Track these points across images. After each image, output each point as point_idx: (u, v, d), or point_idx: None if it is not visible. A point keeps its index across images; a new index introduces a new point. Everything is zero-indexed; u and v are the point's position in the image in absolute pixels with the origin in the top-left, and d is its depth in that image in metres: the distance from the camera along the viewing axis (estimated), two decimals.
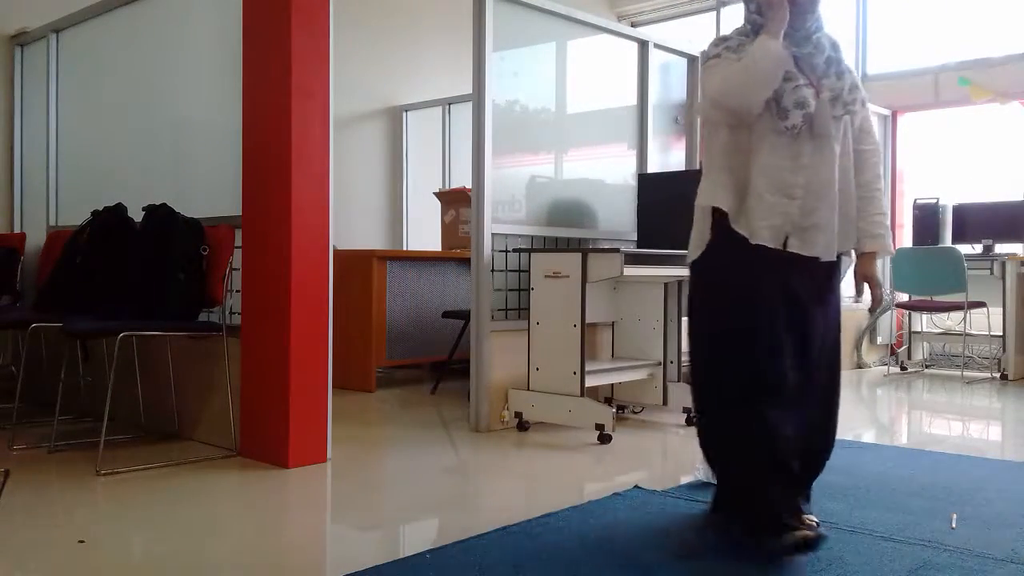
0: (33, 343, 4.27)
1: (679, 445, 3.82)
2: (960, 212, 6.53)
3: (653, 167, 4.88)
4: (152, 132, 4.11)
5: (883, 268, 6.80)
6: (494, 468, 3.39)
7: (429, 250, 6.04)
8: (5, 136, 5.02)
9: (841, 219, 2.41)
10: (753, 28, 2.40)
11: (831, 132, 2.37)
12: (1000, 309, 6.02)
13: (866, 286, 2.53)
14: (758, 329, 2.34)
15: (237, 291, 3.49)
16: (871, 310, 2.50)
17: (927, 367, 6.74)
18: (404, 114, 6.90)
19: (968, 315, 6.01)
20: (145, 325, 3.34)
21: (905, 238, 6.92)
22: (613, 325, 4.44)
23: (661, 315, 4.24)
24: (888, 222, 2.53)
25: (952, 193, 6.60)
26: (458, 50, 5.99)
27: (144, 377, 3.84)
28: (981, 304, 5.97)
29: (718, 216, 2.40)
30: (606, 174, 4.72)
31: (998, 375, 6.06)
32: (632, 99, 4.84)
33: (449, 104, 6.94)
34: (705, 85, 2.44)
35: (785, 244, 2.36)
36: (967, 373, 6.23)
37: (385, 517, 2.76)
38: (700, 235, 2.47)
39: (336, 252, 3.57)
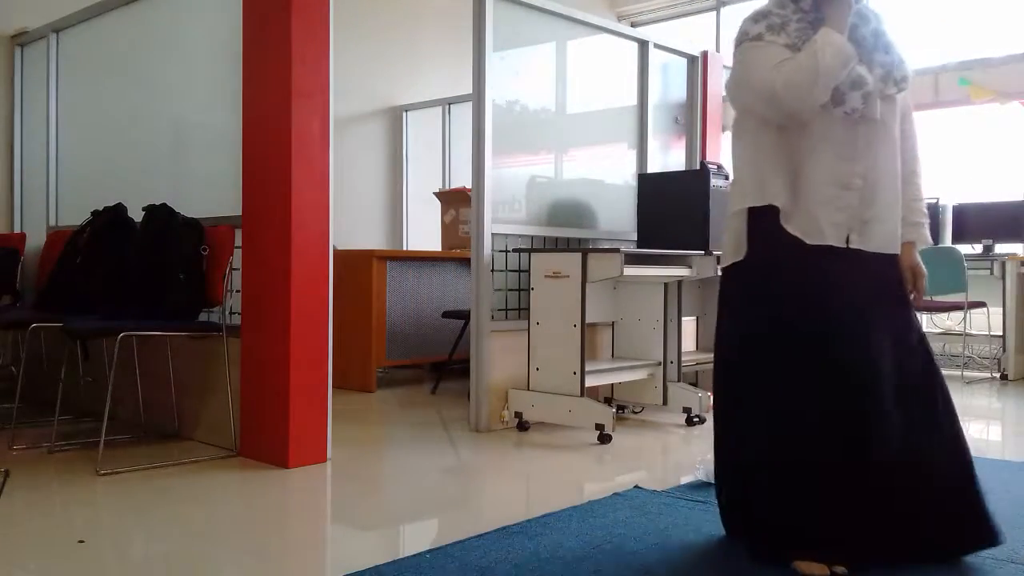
0: (33, 343, 4.27)
1: (679, 445, 3.82)
2: (960, 212, 6.52)
3: (653, 167, 4.88)
4: (152, 132, 4.10)
5: None
6: (494, 468, 3.39)
7: (429, 250, 6.04)
8: (5, 136, 5.02)
9: (894, 217, 2.19)
10: (800, 6, 2.14)
11: (884, 113, 2.15)
12: (1000, 309, 6.02)
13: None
14: (819, 337, 2.11)
15: (237, 291, 3.49)
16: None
17: None
18: (404, 114, 6.90)
19: (968, 315, 6.01)
20: (145, 325, 3.34)
21: None
22: (613, 325, 4.44)
23: (661, 315, 4.24)
24: (926, 209, 2.31)
25: (952, 193, 6.60)
26: (458, 50, 5.98)
27: (144, 377, 3.84)
28: (981, 304, 5.97)
29: (759, 217, 2.18)
30: (606, 174, 4.72)
31: (998, 375, 6.06)
32: (632, 99, 4.84)
33: (449, 104, 6.94)
34: (744, 70, 2.16)
35: (847, 241, 2.14)
36: (967, 373, 6.22)
37: (385, 517, 2.75)
38: (736, 239, 2.23)
39: (336, 252, 3.57)
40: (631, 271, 3.81)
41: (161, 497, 2.83)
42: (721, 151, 5.40)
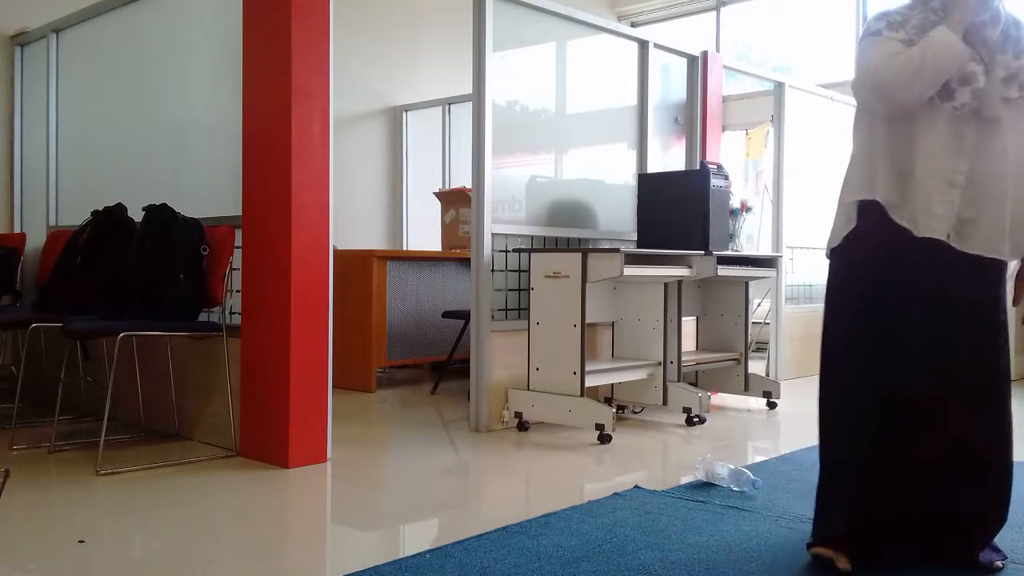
0: (33, 343, 4.27)
1: (679, 445, 3.82)
2: None
3: (653, 167, 4.88)
4: (152, 132, 4.11)
5: None
6: (494, 468, 3.39)
7: (429, 250, 6.04)
8: (5, 136, 5.02)
9: (1014, 217, 2.13)
10: (922, 1, 2.19)
11: (1001, 115, 2.12)
12: None
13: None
14: (882, 329, 2.16)
15: (237, 291, 3.49)
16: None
17: None
18: (404, 114, 6.90)
19: None
20: (145, 325, 3.34)
21: None
22: (613, 325, 4.44)
23: (661, 315, 4.24)
24: None
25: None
26: (458, 50, 5.98)
27: (144, 377, 3.84)
28: None
29: (866, 209, 2.20)
30: (606, 174, 4.73)
31: None
32: (632, 99, 4.84)
33: (449, 104, 6.94)
34: (860, 63, 2.20)
35: (948, 237, 2.13)
36: None
37: (385, 517, 2.76)
38: (841, 225, 2.26)
39: (336, 252, 3.58)
40: (631, 271, 3.81)
41: (161, 497, 2.83)
42: (721, 151, 5.40)
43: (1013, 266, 2.25)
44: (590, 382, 3.88)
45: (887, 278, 2.18)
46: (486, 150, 3.95)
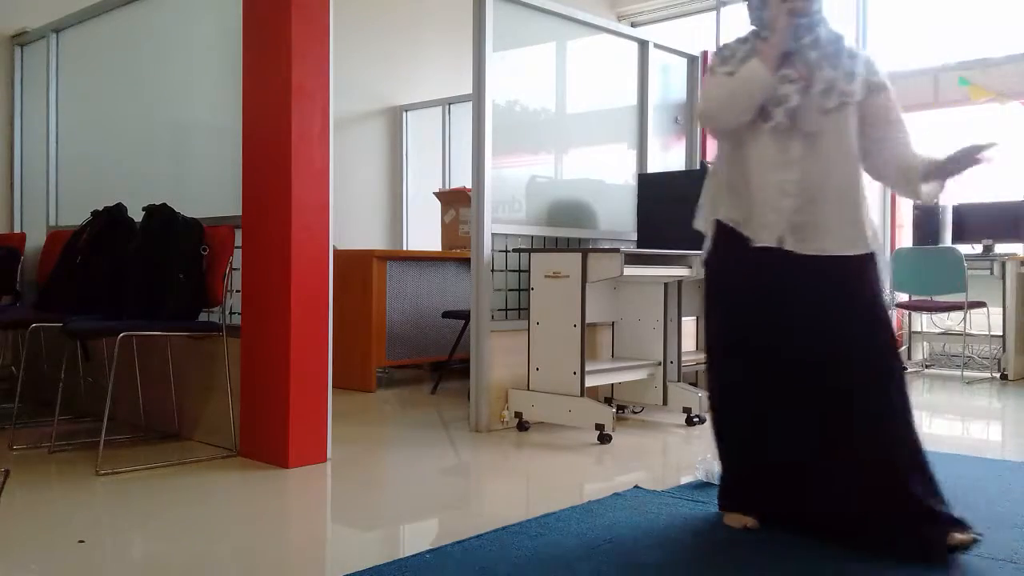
0: (33, 343, 4.27)
1: (679, 445, 3.82)
2: (960, 212, 6.53)
3: (653, 167, 4.88)
4: (152, 132, 4.11)
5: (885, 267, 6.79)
6: (494, 468, 3.39)
7: (429, 250, 6.04)
8: (5, 136, 5.02)
9: (843, 220, 2.35)
10: (754, 35, 2.42)
11: (822, 127, 2.32)
12: (1000, 309, 6.02)
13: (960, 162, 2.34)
14: (748, 330, 2.41)
15: (237, 291, 3.49)
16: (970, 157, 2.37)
17: (927, 367, 6.74)
18: (404, 114, 6.90)
19: (968, 315, 6.01)
20: (145, 325, 3.34)
21: (905, 238, 6.91)
22: (613, 325, 4.44)
23: (661, 315, 4.24)
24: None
25: (952, 193, 6.59)
26: (458, 50, 5.99)
27: (144, 377, 3.84)
28: (981, 304, 5.97)
29: (720, 226, 2.46)
30: (606, 174, 4.73)
31: (998, 375, 6.06)
32: (632, 99, 4.84)
33: (449, 104, 6.94)
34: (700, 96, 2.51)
35: (782, 243, 2.34)
36: (967, 373, 6.22)
37: (385, 517, 2.75)
38: (707, 236, 2.52)
39: (336, 252, 3.58)
40: (631, 271, 3.81)
41: (161, 497, 2.83)
42: None
43: (888, 267, 2.45)
44: (590, 382, 3.88)
45: (745, 284, 2.41)
46: (486, 150, 3.95)
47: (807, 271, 2.34)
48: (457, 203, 5.74)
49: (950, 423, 4.59)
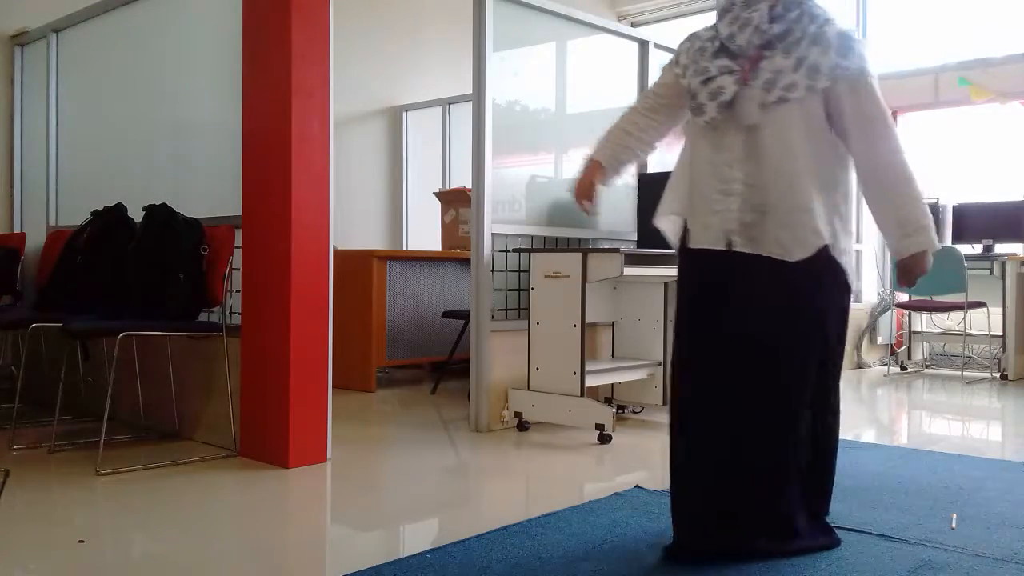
0: (33, 343, 4.27)
1: None
2: (960, 212, 6.53)
3: (653, 167, 4.88)
4: (152, 132, 4.11)
5: (885, 266, 6.80)
6: (494, 468, 3.39)
7: (429, 250, 6.04)
8: (5, 136, 5.02)
9: (787, 222, 2.14)
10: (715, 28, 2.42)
11: (760, 121, 2.13)
12: (1000, 309, 6.02)
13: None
14: (691, 335, 2.29)
15: (237, 291, 3.49)
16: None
17: (927, 367, 6.74)
18: (404, 114, 6.90)
19: (968, 315, 6.01)
20: (145, 325, 3.34)
21: None
22: (613, 325, 4.44)
23: (661, 315, 4.24)
24: (922, 215, 2.14)
25: (952, 193, 6.60)
26: (458, 50, 5.99)
27: (144, 377, 3.84)
28: (981, 304, 5.97)
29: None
30: None
31: (998, 375, 6.06)
32: (632, 99, 4.83)
33: (449, 104, 6.94)
34: None
35: (731, 245, 2.19)
36: (967, 373, 6.22)
37: (385, 517, 2.76)
38: (670, 232, 2.49)
39: (336, 252, 3.57)
40: (631, 271, 3.81)
41: (161, 497, 2.83)
42: None
43: (846, 272, 2.23)
44: (590, 382, 3.88)
45: (703, 280, 2.29)
46: (486, 150, 3.95)
47: (751, 271, 2.18)
48: (457, 203, 5.74)
49: (950, 423, 4.59)
